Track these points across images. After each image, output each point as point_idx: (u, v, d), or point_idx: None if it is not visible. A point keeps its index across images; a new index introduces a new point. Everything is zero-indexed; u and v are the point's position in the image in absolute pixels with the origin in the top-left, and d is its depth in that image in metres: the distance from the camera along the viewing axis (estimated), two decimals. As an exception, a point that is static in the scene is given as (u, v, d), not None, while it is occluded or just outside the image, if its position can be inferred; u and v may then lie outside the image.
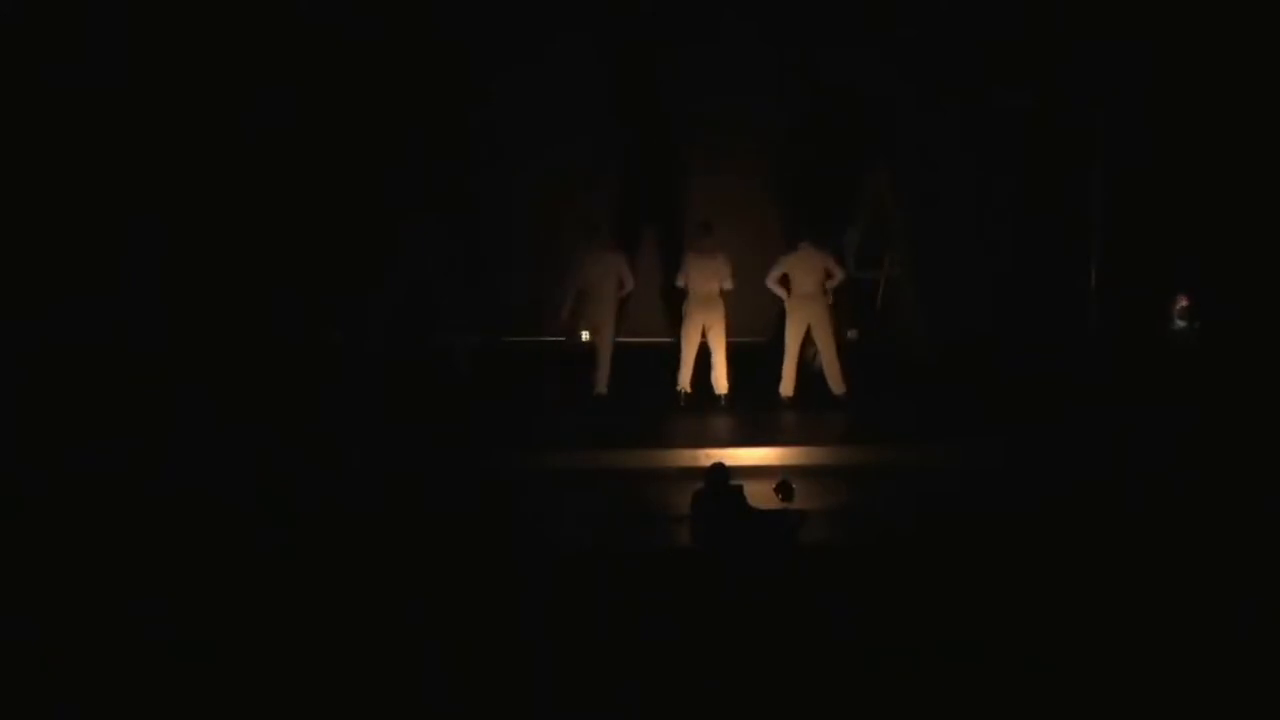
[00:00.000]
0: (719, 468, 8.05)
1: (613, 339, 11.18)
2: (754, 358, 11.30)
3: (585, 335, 11.39)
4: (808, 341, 11.14)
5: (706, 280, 10.85)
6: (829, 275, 10.97)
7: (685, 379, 10.98)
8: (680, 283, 11.00)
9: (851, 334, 12.38)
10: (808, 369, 11.26)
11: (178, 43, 11.67)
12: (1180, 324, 11.29)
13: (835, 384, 11.09)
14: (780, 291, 10.96)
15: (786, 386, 11.11)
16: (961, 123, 12.44)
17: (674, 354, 11.24)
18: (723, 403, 10.93)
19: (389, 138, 12.26)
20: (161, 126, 11.65)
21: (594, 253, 11.10)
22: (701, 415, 10.82)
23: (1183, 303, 11.31)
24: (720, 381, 10.95)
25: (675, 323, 11.42)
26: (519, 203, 12.52)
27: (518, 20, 12.29)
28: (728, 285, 10.89)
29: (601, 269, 11.06)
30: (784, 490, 8.25)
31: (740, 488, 8.00)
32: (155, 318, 11.55)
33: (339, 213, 11.98)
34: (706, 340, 10.94)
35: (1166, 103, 12.09)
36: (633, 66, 12.51)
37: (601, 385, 11.19)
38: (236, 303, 11.83)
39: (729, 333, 11.01)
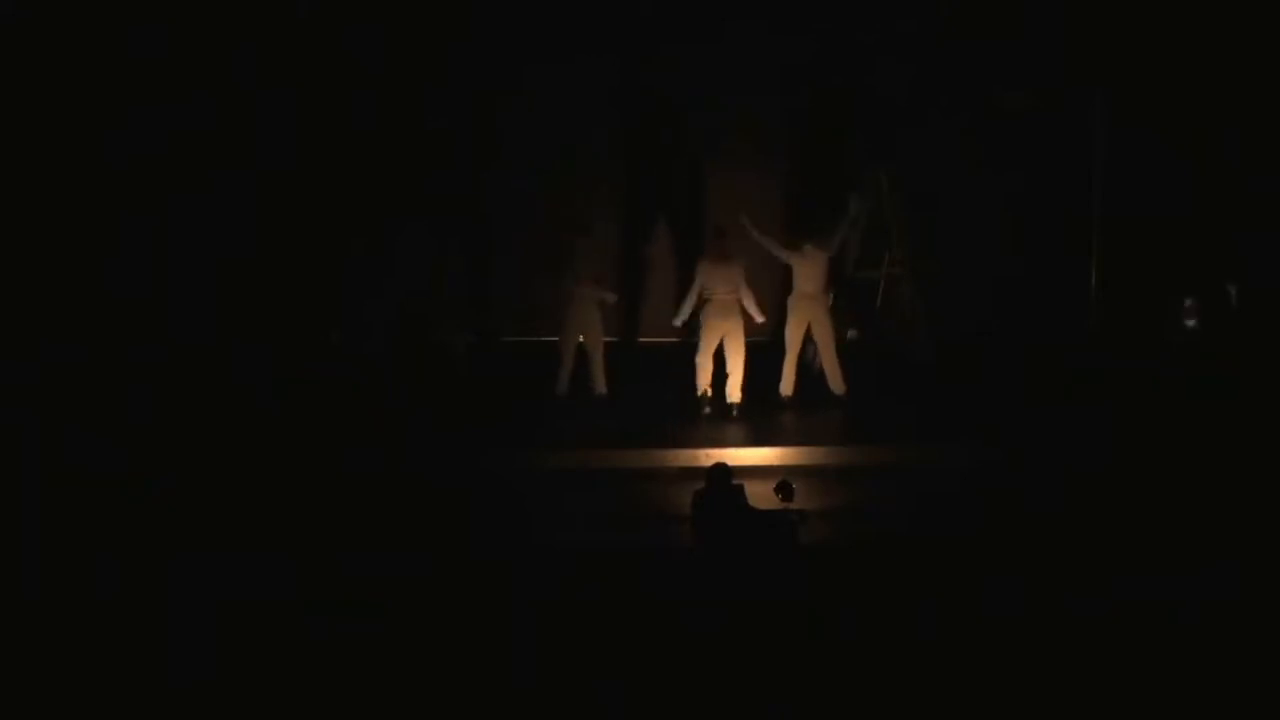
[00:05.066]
0: (720, 467, 8.04)
1: (601, 339, 11.19)
2: (754, 357, 11.27)
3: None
4: (808, 341, 11.13)
5: (724, 288, 10.79)
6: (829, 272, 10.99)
7: (705, 382, 10.82)
8: (697, 293, 10.84)
9: (851, 334, 12.38)
10: (808, 369, 11.26)
11: (178, 44, 11.66)
12: (1190, 324, 11.29)
13: (835, 384, 11.09)
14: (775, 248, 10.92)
15: (786, 386, 11.11)
16: (961, 123, 12.44)
17: (667, 354, 11.25)
18: (734, 411, 10.83)
19: (389, 138, 12.27)
20: (161, 126, 11.64)
21: (577, 257, 11.12)
22: (701, 415, 10.79)
23: (1190, 304, 11.31)
24: (734, 390, 10.85)
25: (667, 320, 11.43)
26: (519, 203, 12.52)
27: (519, 21, 12.29)
28: (743, 292, 10.79)
29: (585, 275, 11.09)
30: (784, 490, 8.24)
31: (741, 488, 7.99)
32: (155, 318, 11.55)
33: (339, 213, 11.97)
34: (723, 347, 10.86)
35: (1167, 102, 12.09)
36: (635, 66, 12.51)
37: (599, 385, 11.20)
38: (236, 303, 11.83)
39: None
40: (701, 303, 10.88)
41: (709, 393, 10.80)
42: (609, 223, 12.70)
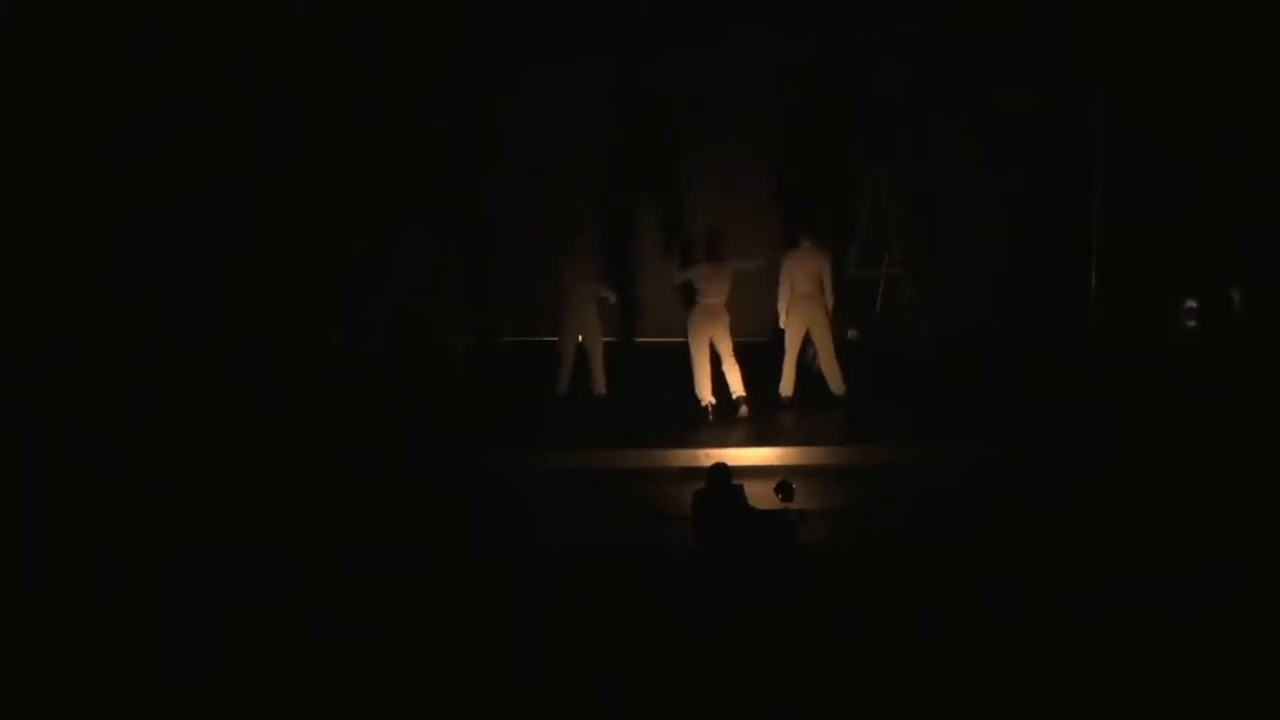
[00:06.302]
0: (720, 467, 8.05)
1: (601, 339, 11.22)
2: (754, 358, 11.27)
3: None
4: (807, 342, 11.13)
5: (719, 291, 10.70)
6: (824, 281, 10.97)
7: (706, 391, 10.71)
8: (700, 299, 10.81)
9: (851, 334, 12.38)
10: (808, 369, 11.25)
11: (178, 44, 11.66)
12: (1190, 325, 11.31)
13: (835, 384, 11.09)
14: (788, 294, 10.95)
15: (786, 386, 11.10)
16: (961, 123, 12.44)
17: (667, 354, 11.24)
18: (743, 408, 10.75)
19: (389, 138, 12.27)
20: (161, 126, 11.64)
21: (575, 257, 11.13)
22: (701, 415, 10.78)
23: (1191, 305, 11.33)
24: (737, 386, 10.79)
25: (666, 320, 11.36)
26: (519, 203, 12.52)
27: (519, 21, 12.29)
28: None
29: (581, 275, 11.11)
30: (784, 490, 8.25)
31: (740, 488, 7.99)
32: (155, 318, 11.55)
33: (339, 213, 11.98)
34: (715, 349, 10.84)
35: (1167, 102, 12.09)
36: (635, 66, 12.50)
37: (599, 385, 11.21)
38: (236, 302, 11.84)
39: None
40: (690, 306, 10.87)
41: (714, 403, 10.73)
42: (609, 223, 12.71)
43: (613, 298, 11.31)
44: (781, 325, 11.06)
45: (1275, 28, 11.79)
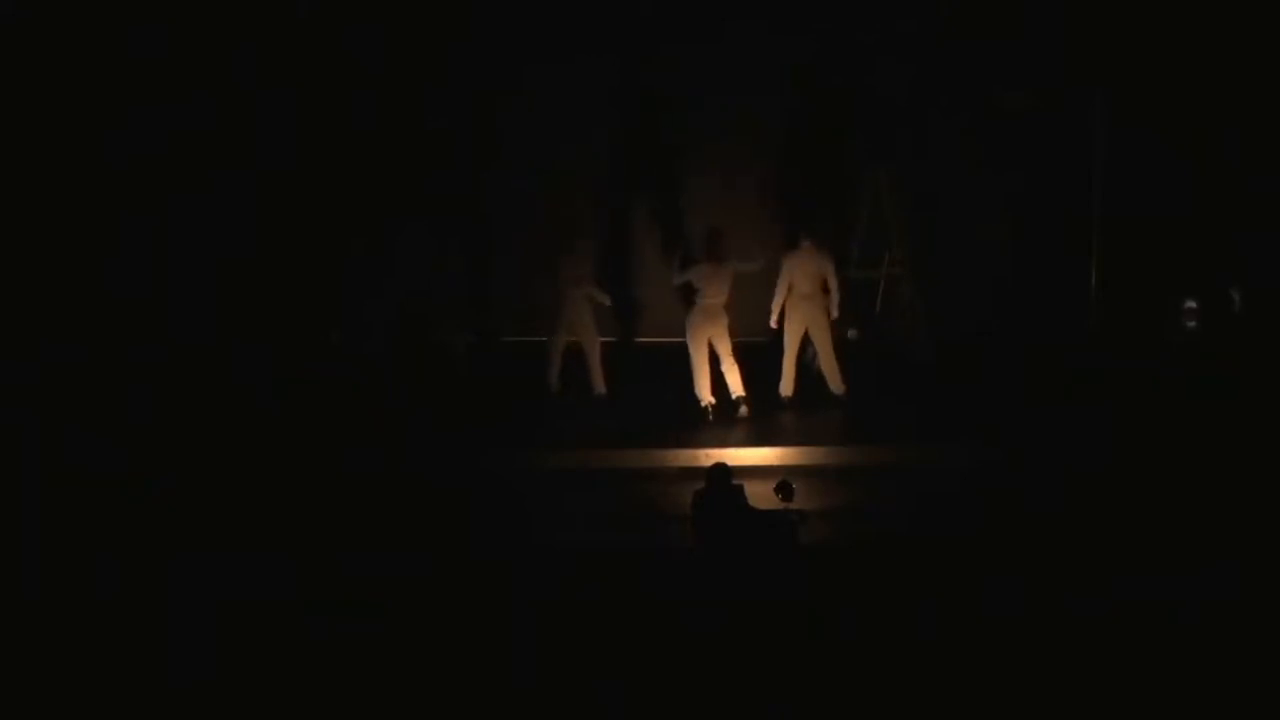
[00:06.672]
0: (720, 467, 8.05)
1: (597, 339, 11.26)
2: (754, 358, 11.28)
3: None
4: (806, 341, 11.13)
5: (719, 292, 10.70)
6: (826, 281, 10.96)
7: (706, 391, 10.72)
8: (700, 299, 10.82)
9: (851, 334, 12.38)
10: (807, 369, 11.26)
11: (178, 44, 11.67)
12: (1190, 325, 11.32)
13: (835, 384, 11.09)
14: (784, 295, 10.96)
15: (786, 386, 11.10)
16: (961, 123, 12.44)
17: (667, 354, 11.25)
18: (742, 408, 10.76)
19: (389, 138, 12.27)
20: (161, 126, 11.65)
21: (574, 257, 11.15)
22: (701, 415, 10.79)
23: (1191, 305, 11.33)
24: (736, 386, 10.80)
25: (666, 320, 11.39)
26: (519, 203, 12.53)
27: (519, 21, 12.30)
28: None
29: (576, 275, 11.13)
30: (784, 490, 8.26)
31: (740, 488, 8.00)
32: (155, 318, 11.55)
33: (339, 213, 11.98)
34: (714, 349, 10.85)
35: (1167, 102, 12.09)
36: (635, 66, 12.51)
37: (599, 385, 11.22)
38: (236, 302, 11.84)
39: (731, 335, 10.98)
40: (690, 307, 10.87)
41: (714, 403, 10.73)
42: (609, 223, 12.71)
43: (606, 301, 11.33)
44: (772, 325, 11.05)
45: (1275, 28, 11.79)
